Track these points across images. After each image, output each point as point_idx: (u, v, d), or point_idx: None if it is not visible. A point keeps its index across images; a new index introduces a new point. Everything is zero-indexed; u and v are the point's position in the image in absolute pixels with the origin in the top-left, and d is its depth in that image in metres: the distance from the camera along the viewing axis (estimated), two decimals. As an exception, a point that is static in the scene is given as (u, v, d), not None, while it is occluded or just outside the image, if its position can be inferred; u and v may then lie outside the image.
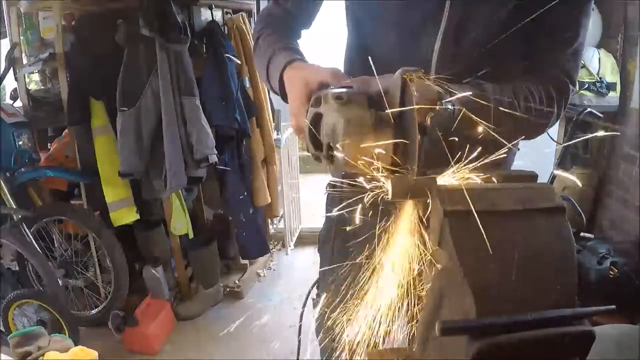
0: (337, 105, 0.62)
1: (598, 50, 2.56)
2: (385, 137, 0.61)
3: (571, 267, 0.52)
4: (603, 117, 2.37)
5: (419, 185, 0.60)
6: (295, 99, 0.76)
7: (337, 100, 0.62)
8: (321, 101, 0.66)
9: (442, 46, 0.86)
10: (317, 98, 0.67)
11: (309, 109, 0.68)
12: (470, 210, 0.53)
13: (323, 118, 0.65)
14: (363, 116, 0.61)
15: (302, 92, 0.74)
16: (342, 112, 0.62)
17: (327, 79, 0.73)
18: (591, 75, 2.51)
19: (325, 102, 0.64)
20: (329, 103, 0.64)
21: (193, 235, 2.67)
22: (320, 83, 0.72)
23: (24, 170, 2.42)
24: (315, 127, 0.66)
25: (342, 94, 0.63)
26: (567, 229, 0.54)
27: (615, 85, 2.54)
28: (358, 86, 0.69)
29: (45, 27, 2.67)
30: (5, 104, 2.62)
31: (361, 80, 0.72)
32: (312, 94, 0.71)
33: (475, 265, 0.50)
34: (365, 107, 0.62)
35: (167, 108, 2.20)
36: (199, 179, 2.42)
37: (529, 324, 0.47)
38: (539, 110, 0.86)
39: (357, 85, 0.70)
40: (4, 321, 2.18)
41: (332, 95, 0.63)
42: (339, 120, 0.61)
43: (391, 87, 0.64)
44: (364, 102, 0.63)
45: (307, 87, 0.73)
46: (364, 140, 0.60)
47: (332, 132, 0.62)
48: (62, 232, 2.49)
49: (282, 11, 1.00)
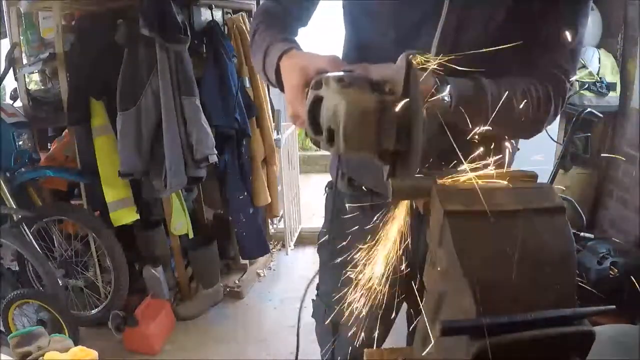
0: (338, 88, 0.61)
1: (598, 50, 2.55)
2: (388, 123, 0.59)
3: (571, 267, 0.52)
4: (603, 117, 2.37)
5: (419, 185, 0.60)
6: (292, 86, 0.74)
7: (339, 82, 0.61)
8: (322, 84, 0.64)
9: (439, 45, 0.85)
10: (318, 81, 0.65)
11: (309, 91, 0.67)
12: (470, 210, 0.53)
13: (324, 101, 0.63)
14: (365, 99, 0.59)
15: (299, 79, 0.72)
16: (343, 94, 0.60)
17: (324, 66, 0.71)
18: (591, 75, 2.51)
19: (327, 85, 0.63)
20: (330, 86, 0.62)
21: (193, 235, 2.67)
22: (317, 70, 0.71)
23: (24, 170, 2.42)
24: (315, 111, 0.64)
25: (344, 76, 0.62)
26: (567, 229, 0.54)
27: (615, 85, 2.54)
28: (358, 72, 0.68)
29: (45, 27, 2.67)
30: (5, 104, 2.62)
31: (362, 66, 0.70)
32: (309, 80, 0.70)
33: (475, 265, 0.50)
34: (367, 90, 0.60)
35: (167, 108, 2.20)
36: (199, 179, 2.42)
37: (529, 324, 0.47)
38: (535, 108, 0.86)
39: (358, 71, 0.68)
40: (4, 321, 2.18)
41: (333, 78, 0.62)
42: (341, 103, 0.59)
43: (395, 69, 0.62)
44: (366, 85, 0.61)
45: (305, 74, 0.72)
46: (366, 123, 0.59)
47: (333, 115, 0.60)
48: (62, 232, 2.49)
49: (279, 8, 0.99)
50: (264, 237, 2.90)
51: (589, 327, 0.49)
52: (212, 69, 2.45)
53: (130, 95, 2.21)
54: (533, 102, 0.85)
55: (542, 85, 0.87)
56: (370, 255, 1.08)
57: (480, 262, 0.50)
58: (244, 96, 2.68)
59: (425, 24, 0.86)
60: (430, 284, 0.63)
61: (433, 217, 0.57)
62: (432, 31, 0.86)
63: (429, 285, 0.64)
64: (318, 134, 0.65)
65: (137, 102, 2.20)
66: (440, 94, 0.74)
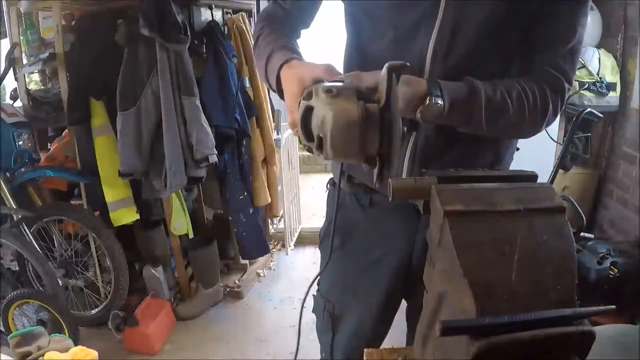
0: (326, 98, 0.65)
1: (598, 50, 2.55)
2: (372, 130, 0.64)
3: (571, 267, 0.52)
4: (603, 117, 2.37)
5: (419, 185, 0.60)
6: (291, 95, 0.78)
7: (327, 93, 0.65)
8: (312, 95, 0.68)
9: (436, 45, 0.86)
10: (309, 92, 0.70)
11: (301, 102, 0.71)
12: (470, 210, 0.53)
13: (314, 111, 0.67)
14: (350, 108, 0.63)
15: (297, 89, 0.76)
16: (330, 104, 0.64)
17: (320, 75, 0.75)
18: (591, 75, 2.51)
19: (316, 96, 0.67)
20: (319, 96, 0.66)
21: (193, 235, 2.67)
22: (314, 79, 0.74)
23: (24, 170, 2.41)
24: (306, 120, 0.69)
25: (332, 87, 0.66)
26: (567, 229, 0.54)
27: (615, 85, 2.54)
28: (350, 81, 0.72)
29: (45, 27, 2.67)
30: (5, 104, 2.62)
31: (353, 75, 0.74)
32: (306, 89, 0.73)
33: (475, 265, 0.50)
34: (353, 100, 0.65)
35: (167, 108, 2.20)
36: (199, 179, 2.42)
37: (529, 324, 0.47)
38: (532, 109, 0.86)
39: (349, 80, 0.72)
40: (4, 321, 2.18)
41: (322, 89, 0.66)
42: (328, 113, 0.64)
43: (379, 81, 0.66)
44: (352, 95, 0.65)
45: (302, 84, 0.75)
46: (351, 132, 0.63)
47: (321, 124, 0.65)
48: (62, 232, 2.49)
49: (282, 11, 1.01)
50: (264, 237, 2.90)
51: (589, 327, 0.49)
52: (212, 69, 2.45)
53: (130, 95, 2.21)
54: (529, 103, 0.85)
55: (540, 85, 0.87)
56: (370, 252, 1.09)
57: (480, 262, 0.50)
58: (244, 96, 2.68)
59: (424, 24, 0.86)
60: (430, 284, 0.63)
61: (433, 217, 0.57)
62: (431, 31, 0.86)
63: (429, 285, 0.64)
64: (310, 141, 0.69)
65: (137, 102, 2.20)
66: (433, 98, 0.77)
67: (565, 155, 2.28)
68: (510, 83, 0.86)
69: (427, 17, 0.85)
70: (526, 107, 0.85)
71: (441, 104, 0.78)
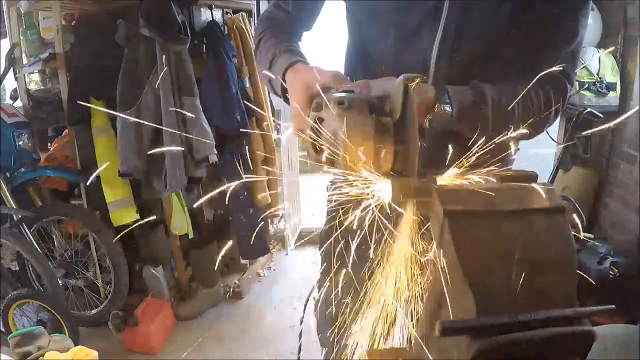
0: (338, 111, 0.62)
1: (598, 50, 2.55)
2: (386, 143, 0.62)
3: (571, 267, 0.52)
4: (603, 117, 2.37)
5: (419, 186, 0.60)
6: (297, 102, 0.76)
7: (339, 105, 0.63)
8: (322, 106, 0.66)
9: (440, 47, 0.86)
10: (319, 103, 0.67)
11: (311, 113, 0.69)
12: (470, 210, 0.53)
13: (324, 123, 0.65)
14: (364, 122, 0.61)
15: (304, 96, 0.74)
16: (343, 117, 0.62)
17: (328, 82, 0.72)
18: (591, 75, 2.51)
19: (327, 107, 0.65)
20: (330, 108, 0.64)
21: (193, 235, 2.67)
22: (321, 86, 0.72)
23: (24, 170, 2.42)
24: (316, 132, 0.67)
25: (344, 98, 0.63)
26: (567, 229, 0.53)
27: (615, 85, 2.54)
28: (359, 90, 0.69)
29: (45, 27, 2.67)
30: (5, 104, 2.62)
31: (362, 84, 0.72)
32: (313, 97, 0.71)
33: (475, 265, 0.50)
34: (366, 113, 0.62)
35: (167, 108, 2.21)
36: (199, 179, 2.42)
37: (529, 324, 0.47)
38: (536, 111, 0.86)
39: (358, 90, 0.70)
40: (4, 321, 2.18)
41: (333, 100, 0.64)
42: (340, 127, 0.61)
43: (393, 93, 0.64)
44: (365, 107, 0.63)
45: (308, 91, 0.73)
46: (365, 145, 0.61)
47: (333, 137, 0.63)
48: (62, 232, 2.49)
49: (283, 13, 1.00)
50: (264, 237, 2.90)
51: (589, 327, 0.49)
52: (212, 69, 2.45)
53: (130, 95, 2.21)
54: (534, 104, 0.85)
55: (542, 86, 0.87)
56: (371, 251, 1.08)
57: (480, 262, 0.50)
58: (244, 96, 2.68)
59: (426, 26, 0.86)
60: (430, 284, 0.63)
61: (433, 217, 0.57)
62: (433, 33, 0.86)
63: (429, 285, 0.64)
64: (319, 154, 0.67)
65: (137, 102, 2.20)
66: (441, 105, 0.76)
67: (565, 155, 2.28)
68: (514, 85, 0.86)
69: (430, 16, 0.85)
70: (530, 109, 0.85)
71: (449, 110, 0.78)
